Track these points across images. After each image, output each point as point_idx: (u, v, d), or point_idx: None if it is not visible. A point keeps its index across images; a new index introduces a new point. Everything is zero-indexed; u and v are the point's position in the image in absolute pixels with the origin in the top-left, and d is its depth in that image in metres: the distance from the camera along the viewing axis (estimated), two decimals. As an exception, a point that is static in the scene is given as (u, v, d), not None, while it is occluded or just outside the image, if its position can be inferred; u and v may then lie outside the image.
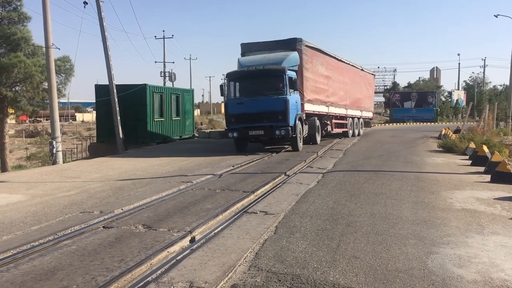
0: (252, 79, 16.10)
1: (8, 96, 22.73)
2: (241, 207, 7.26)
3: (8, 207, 7.78)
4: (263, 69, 15.89)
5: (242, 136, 15.99)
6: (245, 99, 15.85)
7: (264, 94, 15.73)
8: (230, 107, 16.20)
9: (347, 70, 24.34)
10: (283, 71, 15.68)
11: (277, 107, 15.43)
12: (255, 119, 15.60)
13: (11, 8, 23.56)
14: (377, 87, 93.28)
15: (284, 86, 15.56)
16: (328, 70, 20.87)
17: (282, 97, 15.50)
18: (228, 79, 16.47)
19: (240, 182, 9.76)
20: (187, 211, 7.05)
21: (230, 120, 16.17)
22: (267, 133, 15.62)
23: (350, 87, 24.59)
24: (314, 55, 18.93)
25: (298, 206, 7.20)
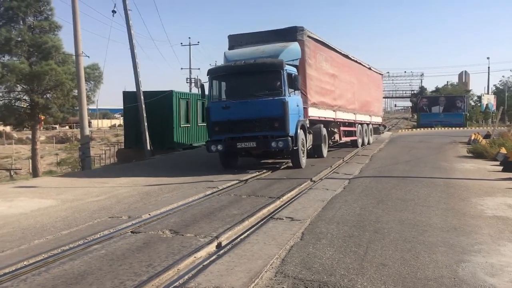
0: (240, 77, 12.70)
1: (40, 103, 23.34)
2: (267, 213, 7.26)
3: (39, 212, 7.97)
4: (254, 63, 12.43)
5: (228, 149, 12.59)
6: (232, 102, 12.40)
7: (256, 95, 12.25)
8: (212, 113, 12.66)
9: (354, 68, 20.56)
10: (280, 66, 12.23)
11: (273, 111, 12.04)
12: (245, 128, 12.21)
13: (43, 17, 24.23)
14: (403, 91, 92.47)
15: (282, 84, 12.16)
16: (334, 67, 17.28)
17: (279, 98, 12.05)
18: (210, 77, 12.97)
19: (266, 188, 9.76)
20: (213, 216, 7.09)
21: (213, 129, 12.65)
22: (261, 145, 12.27)
23: (358, 88, 20.83)
24: (317, 49, 15.57)
25: (324, 212, 7.15)
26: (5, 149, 40.08)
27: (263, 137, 12.19)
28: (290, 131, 12.15)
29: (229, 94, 13.05)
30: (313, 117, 14.57)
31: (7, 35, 22.55)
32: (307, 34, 14.40)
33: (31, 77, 22.63)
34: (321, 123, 15.47)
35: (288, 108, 12.05)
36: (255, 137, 12.24)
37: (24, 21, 23.81)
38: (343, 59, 18.90)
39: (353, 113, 19.66)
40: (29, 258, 5.13)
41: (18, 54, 23.56)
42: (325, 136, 15.79)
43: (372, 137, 24.10)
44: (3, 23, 23.41)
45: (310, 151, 14.77)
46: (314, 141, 14.89)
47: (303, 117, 13.53)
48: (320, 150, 15.31)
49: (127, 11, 19.82)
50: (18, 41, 23.12)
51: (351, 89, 19.67)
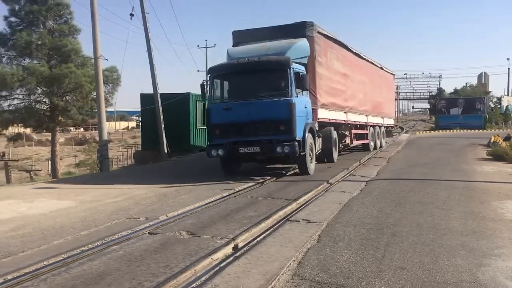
0: (243, 76, 11.86)
1: (60, 105, 23.73)
2: (283, 215, 7.24)
3: (58, 213, 8.08)
4: (258, 61, 11.58)
5: (229, 154, 11.68)
6: (234, 103, 11.54)
7: (260, 96, 11.33)
8: (213, 115, 11.83)
9: (365, 67, 19.49)
10: (287, 64, 11.30)
11: (279, 113, 11.15)
12: (248, 131, 11.33)
13: (62, 21, 24.65)
14: (421, 93, 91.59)
15: (289, 84, 11.23)
16: (345, 66, 16.32)
17: (285, 99, 11.17)
18: (211, 75, 12.25)
19: (282, 190, 9.74)
20: (230, 218, 7.10)
21: (213, 133, 11.82)
22: (265, 150, 11.35)
23: (370, 89, 19.75)
24: (328, 46, 14.59)
25: (341, 215, 7.11)
26: (25, 151, 40.77)
27: (267, 142, 11.27)
28: (297, 135, 11.24)
29: (231, 95, 12.27)
30: (322, 119, 13.67)
31: (28, 38, 22.98)
32: (317, 30, 13.39)
33: (51, 80, 23.02)
34: (332, 125, 14.65)
35: (295, 110, 11.15)
36: (259, 141, 11.30)
37: (44, 24, 24.25)
38: (355, 58, 17.97)
39: (364, 115, 18.59)
40: (49, 258, 5.20)
41: (38, 57, 23.99)
42: (335, 140, 14.85)
43: (385, 140, 23.01)
44: (24, 27, 23.88)
45: (320, 155, 13.98)
46: (323, 145, 13.89)
47: (312, 119, 12.66)
48: (330, 155, 14.40)
49: (144, 15, 20.03)
50: (38, 44, 23.54)
51: (362, 90, 18.66)
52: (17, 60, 24.15)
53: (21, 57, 24.12)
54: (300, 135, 11.40)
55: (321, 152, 13.94)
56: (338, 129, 15.53)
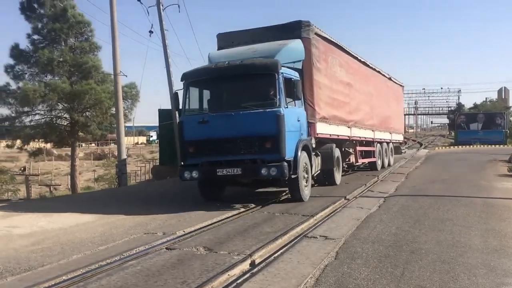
0: (223, 82, 10.11)
1: (80, 121, 24.12)
2: (300, 231, 7.21)
3: (77, 227, 8.18)
4: (241, 64, 9.79)
5: (205, 177, 9.84)
6: (211, 116, 9.72)
7: (242, 106, 9.56)
8: (186, 129, 9.95)
9: (372, 77, 17.60)
10: (275, 68, 9.51)
11: (264, 127, 9.30)
12: (228, 149, 9.49)
13: (83, 38, 25.17)
14: (440, 108, 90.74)
15: (277, 92, 9.41)
16: (349, 75, 14.51)
17: (272, 111, 9.31)
18: (185, 82, 10.25)
19: (299, 206, 9.70)
20: (246, 234, 7.10)
21: (186, 151, 9.96)
22: (247, 172, 9.52)
23: (377, 101, 17.79)
24: (329, 51, 12.79)
25: (359, 231, 7.04)
26: (46, 165, 41.44)
27: (250, 162, 9.47)
28: (287, 153, 9.38)
29: (208, 105, 10.42)
30: (322, 134, 11.88)
31: (50, 55, 23.50)
32: (314, 31, 11.59)
33: (71, 96, 23.46)
34: (333, 142, 12.81)
35: (283, 123, 9.29)
36: (241, 161, 9.49)
37: (66, 42, 24.79)
38: (360, 66, 16.14)
39: (371, 130, 16.72)
40: (68, 273, 5.26)
41: (60, 74, 24.51)
42: (338, 159, 13.07)
43: (393, 157, 20.87)
44: (46, 44, 24.45)
45: (319, 176, 12.40)
46: (323, 164, 12.10)
47: (308, 134, 10.97)
48: (331, 176, 12.68)
49: (163, 32, 20.31)
50: (60, 61, 24.05)
51: (369, 102, 16.74)
52: (39, 76, 24.69)
53: (43, 74, 24.66)
54: (291, 154, 9.55)
55: (320, 173, 12.35)
56: (341, 146, 13.75)
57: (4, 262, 5.90)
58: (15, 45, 24.20)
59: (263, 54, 10.25)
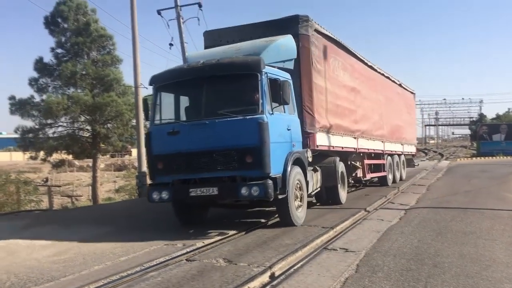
0: (197, 86, 8.47)
1: (101, 132, 24.51)
2: (320, 243, 7.16)
3: (99, 238, 8.26)
4: (216, 63, 8.34)
5: (177, 198, 8.33)
6: (182, 125, 8.39)
7: (219, 113, 8.06)
8: (155, 141, 8.51)
9: (381, 83, 16.11)
10: (256, 66, 8.06)
11: (244, 138, 7.83)
12: (202, 165, 8.02)
13: (105, 52, 25.67)
14: (461, 119, 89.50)
15: (260, 96, 7.93)
16: (355, 79, 13.12)
17: (253, 117, 7.82)
18: (155, 87, 8.91)
19: (319, 217, 9.63)
20: (266, 246, 7.07)
21: (155, 167, 8.51)
22: (225, 192, 7.96)
23: (387, 109, 16.29)
24: (331, 51, 11.37)
25: (380, 244, 6.96)
26: (67, 176, 42.10)
27: (229, 180, 7.93)
28: (273, 169, 7.84)
29: (180, 113, 9.06)
30: (323, 146, 10.46)
31: (73, 69, 24.02)
32: (314, 28, 10.26)
33: (93, 108, 23.89)
34: (337, 155, 11.39)
35: (267, 132, 7.75)
36: (218, 179, 7.97)
37: (89, 55, 25.31)
38: (367, 70, 14.68)
39: (380, 141, 15.27)
40: (90, 284, 5.33)
41: (82, 87, 25.00)
42: (342, 174, 11.62)
43: (405, 171, 19.37)
44: (69, 58, 25.00)
45: (321, 194, 11.06)
46: (325, 181, 10.70)
47: (306, 146, 9.61)
48: (335, 194, 11.16)
49: (183, 44, 20.58)
50: (82, 74, 24.57)
51: (377, 110, 15.24)
52: (62, 89, 25.22)
53: (66, 87, 25.19)
54: (278, 170, 8.05)
55: (322, 192, 11.03)
56: (346, 159, 12.32)
57: (28, 273, 6.00)
58: (39, 59, 24.81)
59: (248, 52, 8.73)
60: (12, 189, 23.29)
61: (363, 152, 13.73)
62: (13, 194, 23.05)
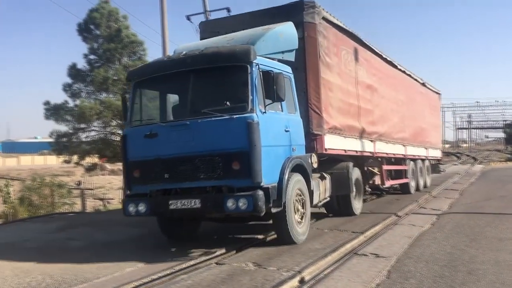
0: (178, 80, 7.52)
1: (132, 137, 24.91)
2: (350, 248, 7.09)
3: (130, 240, 8.41)
4: (200, 54, 7.26)
5: (155, 211, 7.22)
6: (160, 127, 7.21)
7: (201, 112, 6.96)
8: (130, 145, 7.44)
9: (401, 81, 14.90)
10: (245, 57, 6.93)
11: (230, 141, 6.77)
12: (184, 173, 6.93)
13: (136, 57, 26.10)
14: (495, 121, 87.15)
15: (250, 90, 6.83)
16: (371, 76, 11.92)
17: (241, 116, 6.71)
18: (133, 83, 7.82)
19: (348, 222, 9.54)
20: (295, 250, 7.04)
21: (131, 175, 7.44)
22: (209, 205, 6.84)
23: (409, 110, 15.17)
24: (343, 43, 10.31)
25: (411, 250, 6.85)
26: (99, 180, 42.91)
27: (214, 190, 6.84)
28: (266, 177, 6.68)
29: (161, 112, 8.06)
30: (333, 150, 9.35)
31: (105, 74, 24.51)
32: (321, 15, 9.17)
33: (125, 113, 24.29)
34: (351, 159, 10.32)
35: (258, 134, 6.61)
36: (201, 189, 6.90)
37: (120, 61, 25.78)
38: (386, 67, 13.42)
39: (401, 145, 14.08)
40: (121, 286, 5.42)
41: (114, 92, 25.49)
42: (357, 181, 10.53)
43: (430, 177, 17.98)
44: (102, 64, 25.55)
45: (332, 204, 9.94)
46: (336, 189, 9.57)
47: (308, 150, 8.38)
48: (348, 204, 10.09)
49: (212, 49, 20.75)
50: (114, 79, 25.04)
51: (398, 110, 14.11)
52: (95, 94, 25.73)
53: (99, 92, 25.70)
54: (272, 179, 6.90)
55: (334, 201, 9.94)
56: (362, 164, 11.28)
57: (62, 274, 6.15)
58: (72, 65, 25.42)
59: (241, 43, 7.56)
60: (47, 192, 23.92)
61: (382, 157, 12.53)
62: (48, 197, 23.67)
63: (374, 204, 12.57)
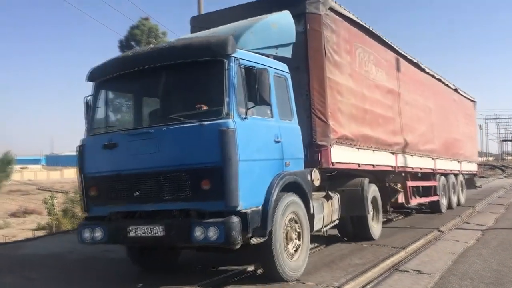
0: (144, 79, 6.31)
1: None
2: (391, 264, 6.93)
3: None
4: (168, 47, 6.33)
5: (113, 239, 5.94)
6: (120, 135, 5.97)
7: (171, 118, 5.68)
8: (87, 158, 6.20)
9: (430, 86, 13.33)
10: (220, 49, 5.62)
11: (200, 154, 5.46)
12: (146, 192, 5.69)
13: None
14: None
15: (228, 92, 5.50)
16: (393, 79, 10.54)
17: (213, 123, 5.39)
18: (95, 84, 6.54)
19: (389, 237, 9.34)
20: (334, 265, 6.95)
21: (87, 194, 6.18)
22: (174, 234, 5.45)
23: (438, 119, 13.53)
24: (357, 40, 9.01)
25: (455, 266, 6.63)
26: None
27: (181, 215, 5.50)
28: (242, 200, 5.31)
29: (124, 118, 7.06)
30: (343, 164, 8.00)
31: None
32: (328, 5, 7.81)
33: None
34: (368, 174, 9.08)
35: (234, 144, 5.31)
36: (168, 213, 5.58)
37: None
38: (412, 69, 11.97)
39: (430, 158, 12.59)
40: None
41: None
42: (375, 200, 9.20)
43: (464, 194, 16.11)
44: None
45: (346, 226, 8.76)
46: (349, 209, 8.37)
47: (311, 163, 7.09)
48: (363, 226, 8.74)
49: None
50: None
51: (426, 119, 12.61)
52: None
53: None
54: (254, 201, 5.55)
55: (346, 222, 8.68)
56: (382, 180, 10.02)
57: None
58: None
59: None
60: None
61: (406, 172, 11.02)
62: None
63: (413, 218, 12.23)
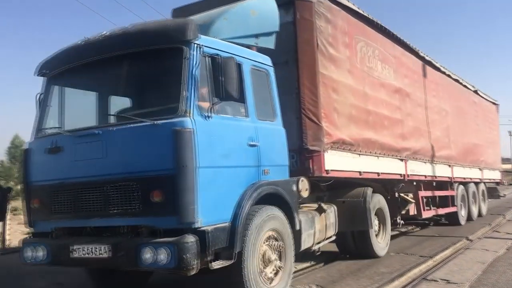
0: (95, 71, 5.32)
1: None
2: (418, 273, 6.81)
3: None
4: (120, 33, 5.16)
5: (56, 260, 4.99)
6: (66, 138, 5.06)
7: (118, 117, 5.28)
8: (32, 164, 5.35)
9: (446, 87, 12.09)
10: (179, 34, 4.71)
11: (151, 159, 4.54)
12: (92, 204, 4.77)
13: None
14: None
15: (186, 84, 4.57)
16: (402, 77, 9.50)
17: (167, 122, 4.49)
18: (46, 79, 5.66)
19: (415, 245, 9.21)
20: (360, 273, 6.88)
21: (29, 206, 5.27)
22: (120, 255, 4.48)
23: (455, 122, 12.33)
24: (358, 32, 8.04)
25: (485, 276, 6.47)
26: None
27: (130, 232, 4.67)
28: (202, 216, 4.45)
29: (75, 117, 5.83)
30: (340, 172, 7.07)
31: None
32: None
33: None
34: (372, 183, 8.12)
35: (191, 147, 4.45)
36: (116, 230, 4.79)
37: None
38: (422, 67, 10.69)
39: (446, 165, 11.43)
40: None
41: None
42: (379, 212, 8.30)
43: (486, 204, 15.14)
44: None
45: (347, 242, 7.92)
46: (349, 224, 7.46)
47: (299, 172, 6.26)
48: (366, 243, 7.81)
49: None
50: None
51: (441, 122, 11.40)
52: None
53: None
54: (220, 216, 4.70)
55: (347, 238, 7.83)
56: (391, 190, 9.14)
57: None
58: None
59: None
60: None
61: (418, 180, 9.99)
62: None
63: (442, 226, 12.02)
